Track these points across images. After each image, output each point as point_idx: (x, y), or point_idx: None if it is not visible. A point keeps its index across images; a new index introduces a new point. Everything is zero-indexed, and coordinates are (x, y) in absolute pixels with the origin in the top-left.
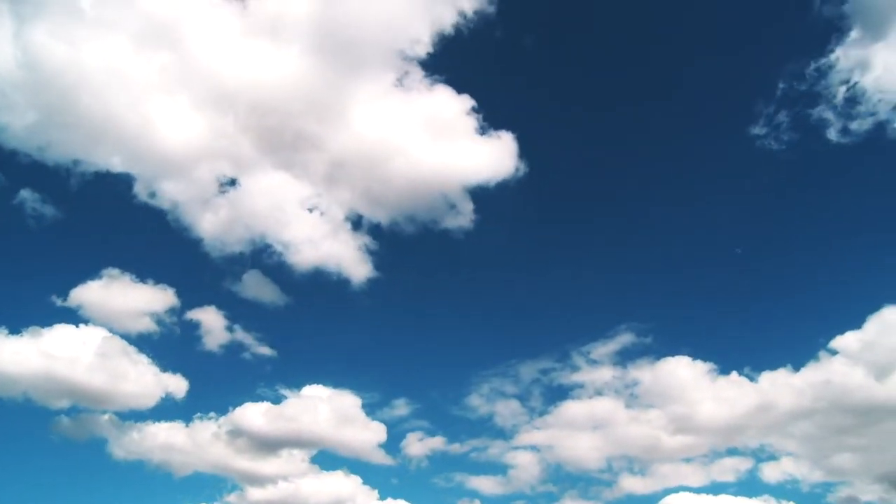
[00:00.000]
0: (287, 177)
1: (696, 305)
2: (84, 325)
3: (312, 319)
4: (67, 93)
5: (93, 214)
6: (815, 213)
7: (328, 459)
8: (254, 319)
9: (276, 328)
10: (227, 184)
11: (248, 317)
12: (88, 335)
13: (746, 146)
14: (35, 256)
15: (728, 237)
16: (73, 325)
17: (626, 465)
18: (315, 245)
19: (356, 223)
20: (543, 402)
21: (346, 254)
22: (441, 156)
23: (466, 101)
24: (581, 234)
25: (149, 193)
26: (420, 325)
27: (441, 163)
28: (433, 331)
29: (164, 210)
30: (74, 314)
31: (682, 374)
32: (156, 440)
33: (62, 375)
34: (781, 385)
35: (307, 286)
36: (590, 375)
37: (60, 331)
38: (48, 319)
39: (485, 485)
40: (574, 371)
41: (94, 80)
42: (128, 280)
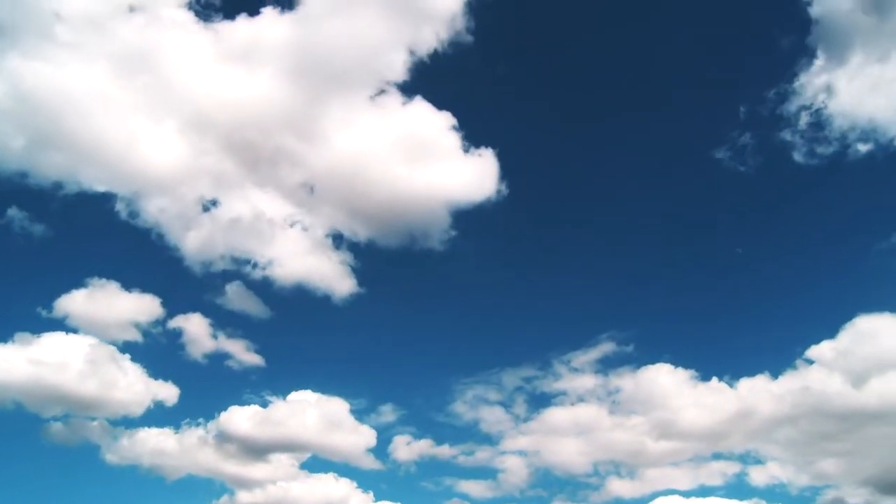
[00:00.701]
0: (268, 195)
1: (676, 314)
2: (73, 334)
3: (297, 331)
4: (52, 118)
5: (77, 234)
6: (791, 229)
7: (318, 464)
8: (239, 328)
9: (262, 338)
10: (210, 202)
11: (234, 325)
12: (78, 343)
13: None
14: (23, 269)
15: (706, 249)
16: (63, 333)
17: (613, 470)
18: (297, 261)
19: (337, 240)
20: (527, 409)
21: (329, 269)
22: (421, 173)
23: (447, 119)
24: (562, 247)
25: (131, 213)
26: (403, 336)
27: (421, 180)
28: (416, 341)
29: (148, 228)
30: (62, 323)
31: (664, 381)
32: (146, 446)
33: (53, 383)
34: (761, 392)
35: (290, 300)
36: (572, 383)
37: (50, 339)
38: (37, 328)
39: (474, 489)
40: (556, 379)
41: (78, 106)
42: (114, 288)
